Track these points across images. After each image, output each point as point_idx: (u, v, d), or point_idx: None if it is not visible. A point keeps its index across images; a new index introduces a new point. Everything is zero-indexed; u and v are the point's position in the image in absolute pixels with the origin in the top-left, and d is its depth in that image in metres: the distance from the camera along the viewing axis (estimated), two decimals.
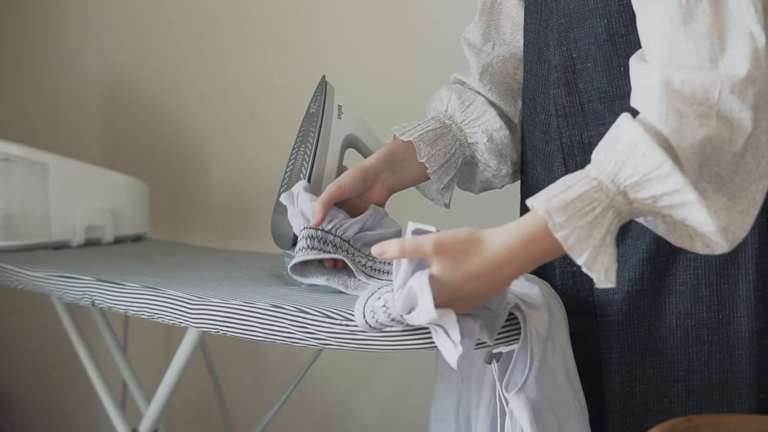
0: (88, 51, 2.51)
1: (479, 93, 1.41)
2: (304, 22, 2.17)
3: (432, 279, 1.02)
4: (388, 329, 1.09)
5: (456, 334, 1.01)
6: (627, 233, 1.19)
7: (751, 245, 1.15)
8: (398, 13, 2.03)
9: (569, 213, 0.99)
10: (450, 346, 1.02)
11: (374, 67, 2.05)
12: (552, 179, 1.24)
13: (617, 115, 1.15)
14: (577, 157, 1.24)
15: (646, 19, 1.06)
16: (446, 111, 1.40)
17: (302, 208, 1.28)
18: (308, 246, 1.26)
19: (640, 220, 1.06)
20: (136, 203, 1.99)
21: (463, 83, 1.44)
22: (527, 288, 1.18)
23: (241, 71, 2.26)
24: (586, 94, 1.22)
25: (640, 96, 1.03)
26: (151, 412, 1.65)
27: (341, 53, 2.11)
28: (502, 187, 1.46)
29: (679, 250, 1.15)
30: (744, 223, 1.00)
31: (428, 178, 1.37)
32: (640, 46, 1.13)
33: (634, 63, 1.07)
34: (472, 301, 1.04)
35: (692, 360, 1.18)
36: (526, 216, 1.03)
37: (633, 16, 1.14)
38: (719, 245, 1.00)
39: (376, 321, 1.08)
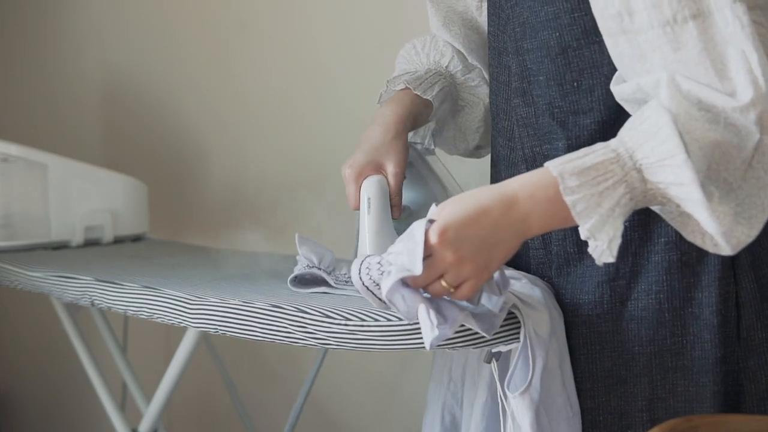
0: (88, 51, 2.51)
1: (473, 64, 1.45)
2: (305, 23, 2.17)
3: (435, 222, 1.01)
4: (377, 292, 1.09)
5: (435, 317, 1.02)
6: (585, 254, 1.16)
7: (714, 266, 1.12)
8: (398, 14, 2.03)
9: (582, 179, 0.98)
10: (428, 326, 1.02)
11: (375, 67, 2.05)
12: None
13: (571, 131, 1.16)
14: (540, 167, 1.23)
15: (634, 48, 1.03)
16: (446, 67, 1.43)
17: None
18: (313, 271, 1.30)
19: (656, 209, 1.05)
20: (135, 203, 1.98)
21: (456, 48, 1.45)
22: (528, 289, 1.17)
23: (242, 71, 2.26)
24: (539, 107, 1.20)
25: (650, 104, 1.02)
26: (150, 412, 1.65)
27: (341, 54, 2.11)
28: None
29: (639, 274, 1.14)
30: (751, 229, 0.99)
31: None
32: (593, 61, 1.13)
33: (630, 84, 1.06)
34: (480, 247, 1.02)
35: (656, 388, 1.14)
36: (535, 170, 1.03)
37: (586, 30, 1.12)
38: (722, 248, 0.99)
39: (370, 278, 1.08)
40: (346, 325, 1.12)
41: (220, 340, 1.97)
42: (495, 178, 1.35)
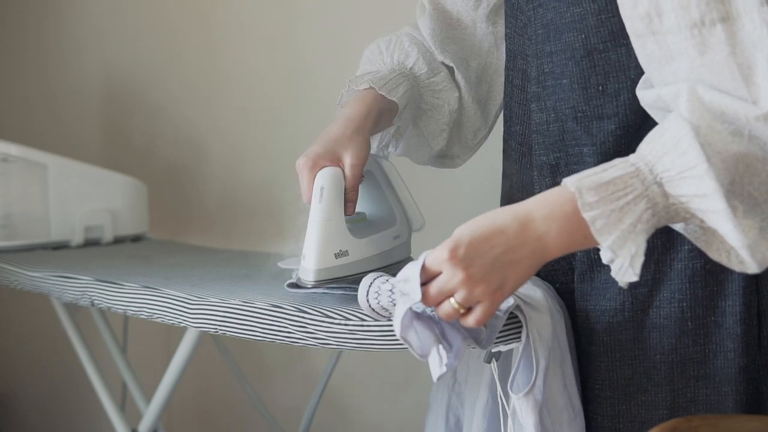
0: (88, 51, 2.51)
1: (443, 64, 1.39)
2: (304, 24, 2.17)
3: (447, 240, 0.99)
4: (385, 318, 1.08)
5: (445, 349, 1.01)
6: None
7: (738, 275, 1.10)
8: (396, 15, 2.03)
9: (601, 194, 0.95)
10: (437, 362, 1.01)
11: None
12: (531, 194, 1.21)
13: (594, 136, 1.13)
14: (546, 177, 1.20)
15: (663, 50, 1.00)
16: (410, 68, 1.36)
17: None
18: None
19: (679, 228, 1.02)
20: (135, 203, 1.98)
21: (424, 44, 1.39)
22: (530, 290, 1.17)
23: (241, 71, 2.26)
24: (554, 113, 1.17)
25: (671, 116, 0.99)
26: (150, 412, 1.65)
27: (341, 55, 2.10)
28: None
29: (661, 281, 1.13)
30: None
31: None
32: (619, 64, 1.10)
33: (652, 92, 1.04)
34: (492, 266, 0.98)
35: (678, 396, 1.13)
36: (552, 188, 1.00)
37: (613, 32, 1.10)
38: (748, 264, 0.96)
39: (378, 303, 1.06)
40: (345, 325, 1.12)
41: (223, 340, 1.97)
42: (506, 183, 1.33)
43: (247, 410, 2.23)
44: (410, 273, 1.01)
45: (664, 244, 1.12)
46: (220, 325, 1.24)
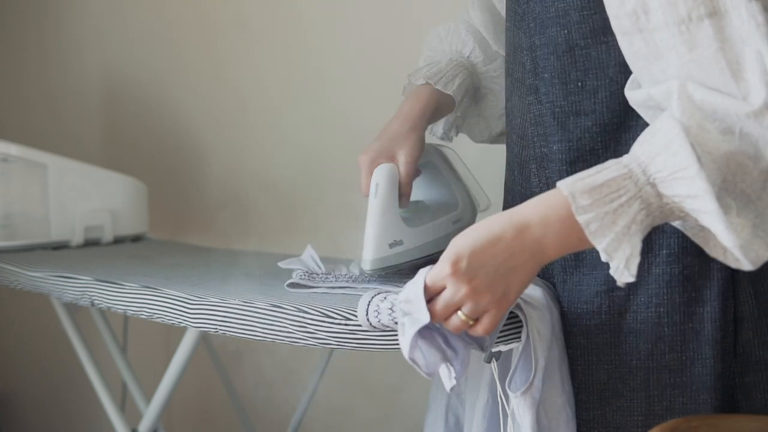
0: (88, 51, 2.51)
1: (498, 52, 1.44)
2: (303, 24, 2.17)
3: (447, 253, 0.99)
4: (388, 331, 1.09)
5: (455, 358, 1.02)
6: (582, 263, 1.15)
7: (717, 281, 1.10)
8: (395, 15, 2.03)
9: (594, 197, 0.96)
10: (446, 376, 1.03)
11: (371, 68, 2.05)
12: (529, 187, 1.22)
13: (571, 132, 1.14)
14: (546, 169, 1.20)
15: (651, 47, 1.00)
16: (468, 57, 1.43)
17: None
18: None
19: (677, 225, 1.03)
20: (135, 203, 1.98)
21: (479, 31, 1.44)
22: (530, 289, 1.17)
23: (241, 71, 2.26)
24: (544, 107, 1.18)
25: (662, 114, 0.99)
26: (150, 412, 1.65)
27: (340, 54, 2.11)
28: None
29: (639, 285, 1.12)
30: None
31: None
32: (599, 62, 1.11)
33: (641, 91, 1.04)
34: (495, 274, 0.99)
35: (653, 403, 1.12)
36: (547, 192, 1.01)
37: (594, 29, 1.10)
38: (742, 262, 0.96)
39: (379, 321, 1.07)
40: (346, 325, 1.12)
41: (219, 343, 1.97)
42: (509, 176, 1.33)
43: (246, 414, 2.23)
44: (412, 294, 1.01)
45: (643, 248, 1.10)
46: (220, 325, 1.24)
